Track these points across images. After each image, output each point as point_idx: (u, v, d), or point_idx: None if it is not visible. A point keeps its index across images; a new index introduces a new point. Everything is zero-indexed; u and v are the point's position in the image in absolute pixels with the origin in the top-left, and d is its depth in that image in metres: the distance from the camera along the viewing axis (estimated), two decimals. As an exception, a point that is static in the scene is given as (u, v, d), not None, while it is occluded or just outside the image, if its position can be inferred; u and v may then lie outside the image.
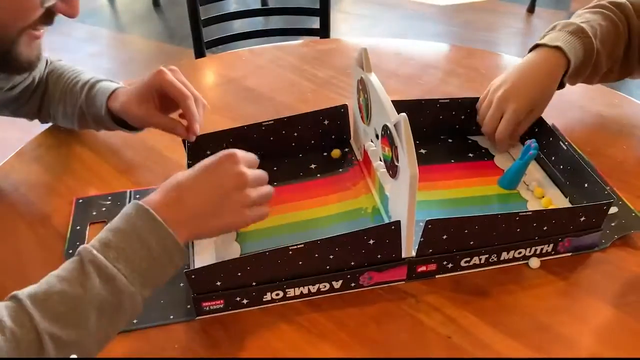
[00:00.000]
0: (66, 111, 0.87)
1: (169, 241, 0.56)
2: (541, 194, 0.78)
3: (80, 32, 3.15)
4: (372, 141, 0.77)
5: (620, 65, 0.90)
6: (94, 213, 0.78)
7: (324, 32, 1.56)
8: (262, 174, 0.65)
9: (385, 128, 0.67)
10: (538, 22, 3.19)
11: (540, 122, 0.83)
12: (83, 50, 2.97)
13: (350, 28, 3.19)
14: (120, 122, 0.83)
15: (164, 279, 0.57)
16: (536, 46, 0.85)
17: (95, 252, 0.53)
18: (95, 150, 0.91)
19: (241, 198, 0.61)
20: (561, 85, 0.86)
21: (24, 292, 0.51)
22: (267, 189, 0.66)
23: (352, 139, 0.88)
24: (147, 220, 0.56)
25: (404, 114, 0.60)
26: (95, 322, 0.52)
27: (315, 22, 1.54)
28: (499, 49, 2.91)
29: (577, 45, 0.83)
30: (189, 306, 0.64)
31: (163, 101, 0.78)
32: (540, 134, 0.83)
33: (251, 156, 0.65)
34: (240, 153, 0.63)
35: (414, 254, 0.66)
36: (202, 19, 1.47)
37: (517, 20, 3.22)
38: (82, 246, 0.54)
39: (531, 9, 3.23)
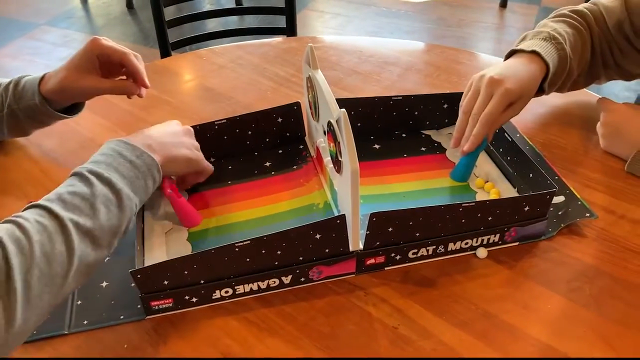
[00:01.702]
0: None
1: (146, 156, 0.66)
2: (484, 184, 0.79)
3: (54, 36, 3.12)
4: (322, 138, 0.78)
5: (587, 72, 0.91)
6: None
7: (290, 30, 1.57)
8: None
9: (329, 124, 0.67)
10: (510, 16, 3.22)
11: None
12: (56, 55, 2.95)
13: (323, 26, 3.19)
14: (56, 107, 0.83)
15: (147, 190, 0.66)
16: (513, 53, 0.83)
17: (88, 165, 0.62)
18: (47, 158, 0.91)
19: (191, 141, 0.75)
20: (541, 90, 0.84)
21: (37, 201, 0.58)
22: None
23: (306, 135, 0.88)
24: (124, 144, 0.66)
25: (343, 110, 0.61)
26: (105, 215, 0.59)
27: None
28: (472, 44, 2.94)
29: (552, 52, 0.82)
30: (139, 306, 0.65)
31: (103, 68, 0.80)
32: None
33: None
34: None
35: (361, 247, 0.67)
36: (167, 20, 1.47)
37: (490, 15, 3.25)
38: (74, 168, 0.62)
39: (503, 4, 3.26)
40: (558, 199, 0.77)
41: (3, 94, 0.83)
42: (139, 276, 0.61)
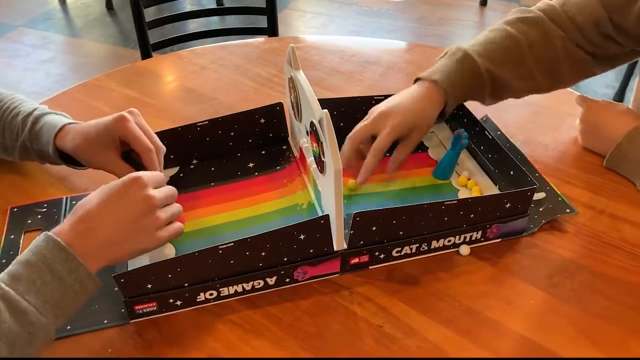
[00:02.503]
0: (5, 143, 0.81)
1: (81, 271, 0.56)
2: (466, 182, 0.80)
3: (32, 39, 3.08)
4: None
5: (549, 76, 0.87)
6: (29, 221, 0.77)
7: (272, 30, 1.57)
8: (170, 191, 0.65)
9: (312, 124, 0.68)
10: (491, 14, 3.25)
11: (467, 113, 0.85)
12: (35, 57, 2.91)
13: (305, 26, 3.19)
14: (68, 157, 0.78)
15: (77, 306, 0.58)
16: (417, 80, 0.83)
17: (4, 286, 0.53)
18: (29, 163, 0.90)
19: (151, 222, 0.61)
20: (442, 115, 0.82)
21: None
22: (176, 207, 0.66)
23: (289, 136, 0.88)
24: (57, 251, 0.56)
25: (325, 110, 0.61)
26: (7, 356, 0.51)
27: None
28: (453, 43, 2.93)
29: (464, 75, 0.81)
30: (122, 310, 0.64)
31: (122, 144, 0.74)
32: (468, 124, 0.85)
33: (158, 176, 0.65)
34: (146, 175, 0.62)
35: (345, 246, 0.67)
36: (147, 20, 1.46)
37: (470, 13, 3.27)
38: None
39: (484, 2, 3.28)
40: (539, 196, 0.78)
41: (20, 125, 0.79)
42: (122, 280, 0.60)
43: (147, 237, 0.61)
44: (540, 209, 0.76)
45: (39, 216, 0.78)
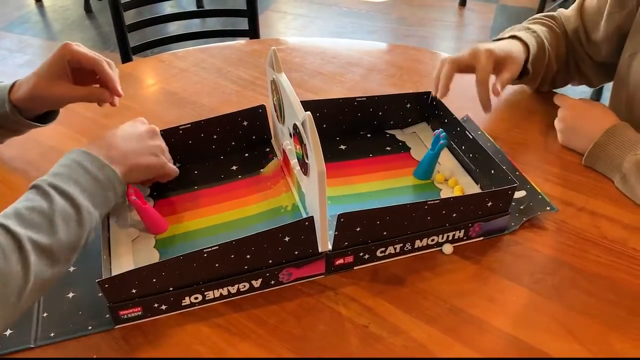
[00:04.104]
0: None
1: (108, 169, 0.66)
2: (448, 182, 0.81)
3: (9, 42, 3.04)
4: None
5: (566, 70, 0.99)
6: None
7: (253, 32, 1.57)
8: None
9: (295, 127, 0.68)
10: (470, 14, 3.28)
11: (448, 113, 0.86)
12: (11, 61, 2.87)
13: (286, 27, 3.19)
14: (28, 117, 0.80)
15: (108, 203, 0.66)
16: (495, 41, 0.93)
17: (48, 178, 0.62)
18: (7, 167, 0.89)
19: (157, 144, 0.75)
20: (526, 73, 0.92)
21: None
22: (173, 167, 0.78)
23: (272, 138, 0.89)
24: (85, 156, 0.65)
25: (308, 113, 0.62)
26: (64, 231, 0.58)
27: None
28: (433, 43, 2.98)
29: (531, 39, 0.91)
30: (107, 315, 0.64)
31: (75, 75, 0.78)
32: (449, 124, 0.86)
33: None
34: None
35: (330, 247, 0.68)
36: (127, 24, 1.45)
37: (449, 14, 3.30)
38: (34, 181, 0.61)
39: (463, 3, 3.31)
40: (519, 194, 0.79)
41: None
42: (106, 285, 0.60)
43: (154, 155, 0.74)
44: (521, 207, 0.78)
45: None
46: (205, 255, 0.62)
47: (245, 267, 0.65)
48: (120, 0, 1.41)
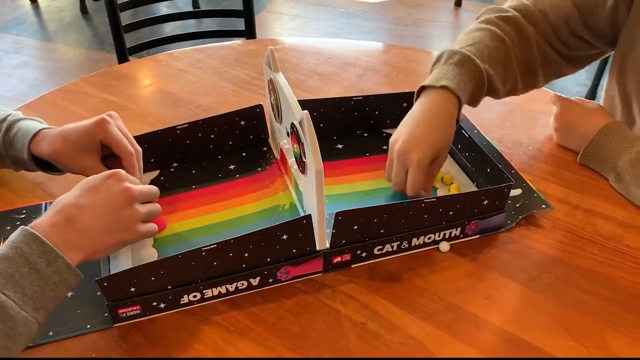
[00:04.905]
0: None
1: (60, 263, 0.56)
2: (445, 180, 0.81)
3: (5, 43, 3.03)
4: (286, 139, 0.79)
5: (524, 80, 0.88)
6: (8, 228, 0.77)
7: (249, 33, 1.57)
8: (150, 189, 0.66)
9: (292, 126, 0.68)
10: (466, 15, 3.29)
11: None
12: (8, 62, 2.87)
13: (282, 28, 3.20)
14: (42, 163, 0.77)
15: (58, 299, 0.57)
16: (422, 88, 0.79)
17: None
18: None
19: (130, 213, 0.62)
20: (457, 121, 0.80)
21: None
22: (156, 206, 0.67)
23: (270, 137, 0.89)
24: (35, 244, 0.55)
25: (305, 111, 0.62)
26: None
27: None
28: (429, 43, 2.99)
29: (465, 78, 0.78)
30: (106, 314, 0.64)
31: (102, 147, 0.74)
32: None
33: (134, 178, 0.66)
34: (124, 172, 0.64)
35: (328, 245, 0.68)
36: (123, 24, 1.45)
37: (445, 14, 3.31)
38: None
39: (458, 3, 3.32)
40: (515, 192, 0.79)
41: None
42: (105, 284, 0.60)
43: (127, 229, 0.62)
44: (517, 205, 0.78)
45: (18, 222, 0.77)
46: (203, 253, 0.62)
47: (244, 265, 0.66)
48: (117, 1, 1.41)
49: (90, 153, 0.73)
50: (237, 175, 0.83)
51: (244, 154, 0.87)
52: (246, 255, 0.65)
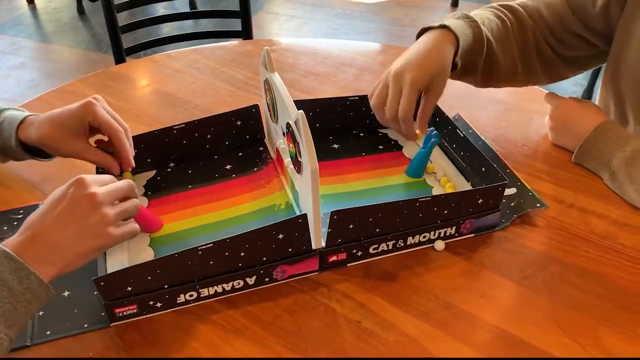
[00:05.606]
0: None
1: (32, 279, 0.55)
2: (440, 179, 0.82)
3: (1, 44, 3.03)
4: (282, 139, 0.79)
5: (523, 67, 0.90)
6: (5, 228, 0.77)
7: (246, 33, 1.58)
8: (119, 186, 0.63)
9: (288, 125, 0.69)
10: (462, 15, 3.30)
11: (439, 112, 0.87)
12: (5, 63, 2.87)
13: (280, 29, 3.20)
14: (33, 150, 0.78)
15: (30, 315, 0.57)
16: (423, 31, 0.84)
17: None
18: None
19: (99, 218, 0.59)
20: (454, 67, 0.83)
21: None
22: (130, 202, 0.64)
23: (266, 137, 0.89)
24: (6, 261, 0.54)
25: (301, 111, 0.62)
26: None
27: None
28: (426, 44, 3.00)
29: (465, 28, 0.82)
30: (102, 313, 0.65)
31: (91, 128, 0.75)
32: (440, 123, 0.87)
33: (104, 177, 0.64)
34: (89, 177, 0.61)
35: (324, 244, 0.69)
36: (120, 25, 1.45)
37: (442, 15, 3.32)
38: None
39: (455, 4, 3.33)
40: (510, 191, 0.80)
41: None
42: (102, 283, 0.61)
43: (99, 236, 0.60)
44: (512, 204, 0.79)
45: (15, 222, 0.78)
46: (199, 253, 0.62)
47: (240, 264, 0.66)
48: (114, 2, 1.42)
49: (79, 136, 0.73)
50: (234, 175, 0.84)
51: (240, 154, 0.87)
52: (242, 254, 0.65)
